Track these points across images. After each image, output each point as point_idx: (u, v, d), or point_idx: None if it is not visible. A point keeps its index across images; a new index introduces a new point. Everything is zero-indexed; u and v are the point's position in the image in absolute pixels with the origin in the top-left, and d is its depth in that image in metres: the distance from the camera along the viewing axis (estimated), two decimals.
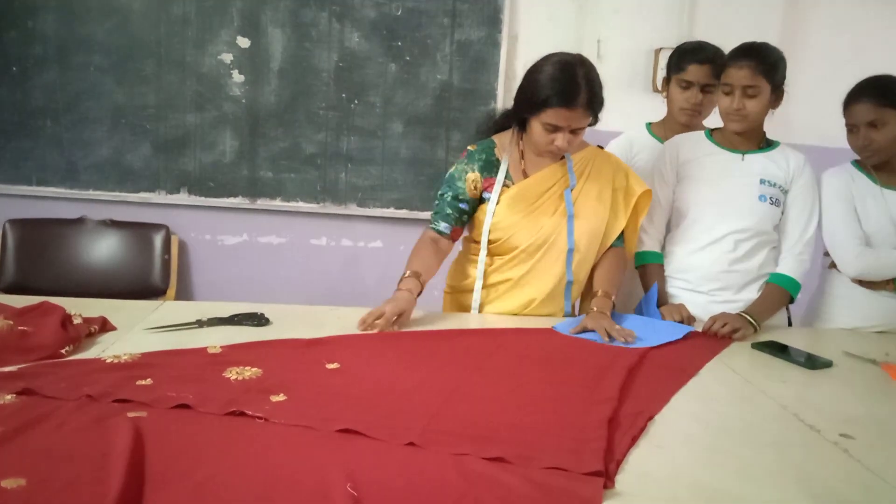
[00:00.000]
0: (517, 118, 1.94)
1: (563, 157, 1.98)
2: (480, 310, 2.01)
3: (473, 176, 1.96)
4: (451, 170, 2.00)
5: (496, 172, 1.97)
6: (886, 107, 2.03)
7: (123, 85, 3.17)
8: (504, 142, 2.00)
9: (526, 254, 1.96)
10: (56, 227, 3.22)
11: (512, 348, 1.65)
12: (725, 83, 2.01)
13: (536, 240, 1.94)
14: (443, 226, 1.99)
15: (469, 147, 2.01)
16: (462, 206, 1.98)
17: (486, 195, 1.98)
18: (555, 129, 1.83)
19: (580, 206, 1.96)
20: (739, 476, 1.09)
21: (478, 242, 2.01)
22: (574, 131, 1.83)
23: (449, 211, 1.98)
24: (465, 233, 2.08)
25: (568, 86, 1.78)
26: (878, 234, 2.11)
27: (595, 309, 1.87)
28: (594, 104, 1.82)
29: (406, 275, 1.86)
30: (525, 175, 1.97)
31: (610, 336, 1.74)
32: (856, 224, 2.11)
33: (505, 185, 1.96)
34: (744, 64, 1.97)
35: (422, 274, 1.87)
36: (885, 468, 1.15)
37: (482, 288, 2.01)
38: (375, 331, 1.70)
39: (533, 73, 1.86)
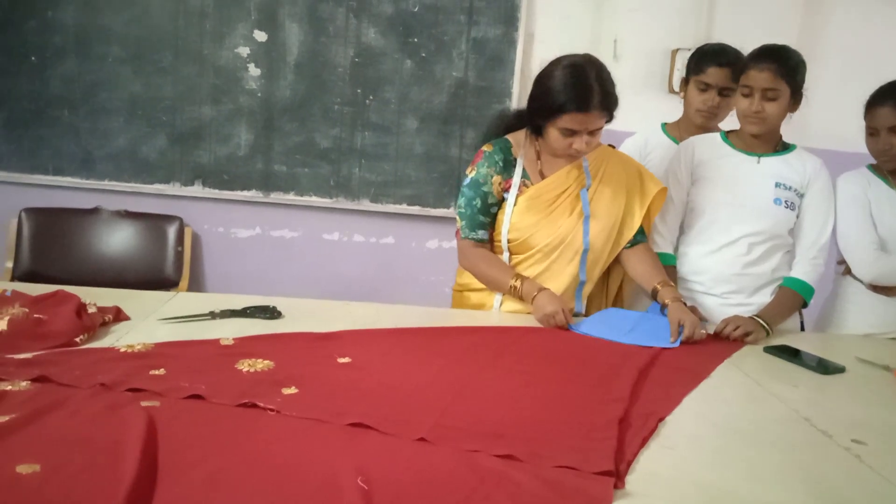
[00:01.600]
0: (532, 125, 1.93)
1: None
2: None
3: (498, 178, 1.95)
4: (472, 175, 1.97)
5: (514, 173, 1.97)
6: None
7: (140, 76, 3.18)
8: (519, 140, 1.99)
9: (542, 254, 1.96)
10: (71, 216, 3.24)
11: (523, 346, 1.66)
12: (745, 85, 1.99)
13: (553, 240, 1.94)
14: (481, 234, 1.98)
15: (484, 148, 1.99)
16: (493, 209, 1.98)
17: (505, 195, 1.97)
18: (572, 133, 1.82)
19: (595, 206, 1.96)
20: (749, 479, 1.09)
21: (495, 242, 2.01)
22: (592, 132, 1.83)
23: (483, 218, 1.97)
24: None
25: (581, 89, 1.77)
26: (894, 239, 2.09)
27: (668, 301, 1.85)
28: (609, 103, 1.81)
29: (516, 281, 1.89)
30: (542, 176, 1.97)
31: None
32: (871, 229, 2.09)
33: (524, 185, 1.96)
34: (765, 66, 1.95)
35: (519, 273, 1.93)
36: None
37: None
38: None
39: (544, 80, 1.85)
